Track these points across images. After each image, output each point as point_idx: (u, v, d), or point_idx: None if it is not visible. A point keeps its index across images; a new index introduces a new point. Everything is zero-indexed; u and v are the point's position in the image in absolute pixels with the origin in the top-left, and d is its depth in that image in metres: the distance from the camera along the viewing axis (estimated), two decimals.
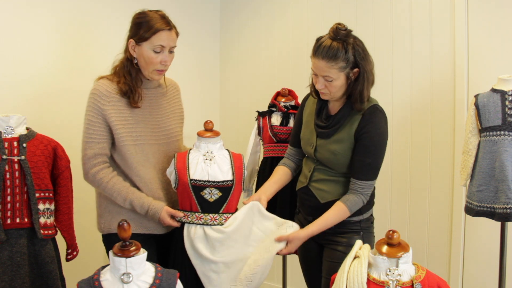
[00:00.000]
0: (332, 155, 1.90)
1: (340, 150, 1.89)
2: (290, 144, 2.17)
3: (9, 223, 1.89)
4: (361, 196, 1.87)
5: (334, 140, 1.90)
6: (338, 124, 1.90)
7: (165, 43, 1.91)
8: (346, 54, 1.77)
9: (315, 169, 1.97)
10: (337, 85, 1.83)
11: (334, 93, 1.87)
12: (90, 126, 1.92)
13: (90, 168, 1.92)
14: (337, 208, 1.88)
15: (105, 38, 2.90)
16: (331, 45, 1.77)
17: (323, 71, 1.81)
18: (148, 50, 1.90)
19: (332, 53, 1.77)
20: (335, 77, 1.81)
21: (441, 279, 1.45)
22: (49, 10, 2.68)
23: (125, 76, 1.95)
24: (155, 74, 1.97)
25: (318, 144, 1.95)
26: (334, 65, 1.78)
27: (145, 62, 1.93)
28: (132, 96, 1.94)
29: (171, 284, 1.46)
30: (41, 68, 2.65)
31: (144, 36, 1.89)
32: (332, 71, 1.79)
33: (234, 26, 3.66)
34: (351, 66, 1.80)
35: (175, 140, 2.10)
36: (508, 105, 2.02)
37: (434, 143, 2.66)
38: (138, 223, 1.95)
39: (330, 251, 1.94)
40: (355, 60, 1.80)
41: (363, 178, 1.86)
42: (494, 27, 2.43)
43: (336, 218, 1.88)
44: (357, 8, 2.92)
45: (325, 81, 1.83)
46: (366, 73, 1.83)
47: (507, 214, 1.97)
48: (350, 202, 1.87)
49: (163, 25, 1.90)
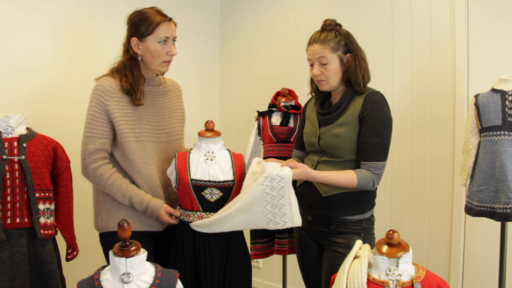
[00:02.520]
0: (337, 139, 1.89)
1: (345, 132, 1.88)
2: (295, 147, 2.19)
3: (9, 223, 1.89)
4: (373, 174, 1.85)
5: (338, 124, 1.91)
6: (341, 108, 1.91)
7: (168, 33, 1.96)
8: (336, 38, 1.89)
9: (318, 162, 1.96)
10: (332, 69, 1.89)
11: (331, 78, 1.91)
12: (92, 121, 1.93)
13: (91, 163, 1.92)
14: (346, 172, 1.86)
15: (105, 39, 2.90)
16: (322, 33, 1.93)
17: (317, 54, 1.90)
18: (154, 43, 1.94)
19: (323, 36, 1.91)
20: (329, 59, 1.89)
21: (441, 279, 1.45)
22: (49, 11, 2.68)
23: (127, 75, 1.97)
24: (163, 66, 2.00)
25: (321, 132, 1.95)
26: (326, 45, 1.88)
27: (152, 55, 1.95)
28: (134, 93, 1.96)
29: (171, 284, 1.46)
30: (41, 68, 2.65)
31: (147, 31, 1.93)
32: (325, 52, 1.88)
33: (234, 26, 3.66)
34: (343, 50, 1.90)
35: (176, 139, 2.11)
36: (508, 105, 2.02)
37: (434, 143, 2.66)
38: (135, 220, 1.95)
39: (330, 253, 1.92)
40: (346, 46, 1.90)
41: (373, 159, 1.85)
42: (494, 27, 2.43)
43: (342, 179, 1.84)
44: (357, 8, 2.92)
45: (321, 65, 1.91)
46: (359, 59, 1.91)
47: (507, 214, 1.97)
48: (361, 173, 1.85)
49: (162, 18, 1.96)
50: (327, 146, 1.93)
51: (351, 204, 1.90)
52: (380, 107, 1.88)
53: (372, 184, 1.87)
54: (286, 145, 2.47)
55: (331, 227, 1.92)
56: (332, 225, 1.92)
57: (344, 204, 1.90)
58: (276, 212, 1.81)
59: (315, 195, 1.94)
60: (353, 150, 1.89)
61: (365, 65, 1.94)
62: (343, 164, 1.91)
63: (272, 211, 1.81)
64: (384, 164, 1.88)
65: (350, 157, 1.90)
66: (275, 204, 1.80)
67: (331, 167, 1.92)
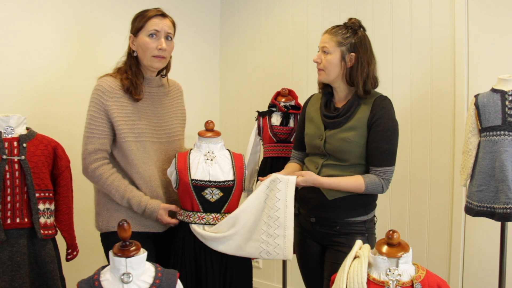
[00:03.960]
0: (345, 143, 1.89)
1: (353, 137, 1.88)
2: (294, 148, 2.17)
3: (9, 223, 1.89)
4: (382, 180, 1.86)
5: (346, 128, 1.90)
6: (349, 112, 1.91)
7: (158, 27, 1.96)
8: (347, 34, 1.90)
9: (323, 165, 1.95)
10: (331, 61, 1.90)
11: (328, 70, 1.92)
12: (92, 122, 1.93)
13: (90, 163, 1.92)
14: (354, 177, 1.87)
15: (106, 38, 2.90)
16: (339, 26, 1.95)
17: (323, 42, 1.94)
18: (144, 37, 1.96)
19: (335, 29, 1.94)
20: (331, 50, 1.90)
21: (441, 279, 1.45)
22: (50, 10, 2.68)
23: (127, 72, 1.98)
24: (154, 62, 1.99)
25: (327, 135, 1.94)
26: (333, 37, 1.91)
27: (142, 49, 1.97)
28: (134, 89, 1.96)
29: (171, 284, 1.46)
30: (41, 68, 2.65)
31: (139, 26, 1.97)
32: (330, 43, 1.91)
33: (234, 26, 3.66)
34: (348, 48, 1.90)
35: (176, 140, 2.11)
36: (508, 105, 2.02)
37: (434, 143, 2.65)
38: (136, 221, 1.95)
39: (333, 252, 1.92)
40: (354, 46, 1.90)
41: (383, 164, 1.86)
42: (494, 27, 2.43)
43: (350, 185, 1.85)
44: (357, 8, 2.92)
45: (322, 52, 1.94)
46: (362, 62, 1.90)
47: (507, 214, 1.97)
48: (369, 178, 1.85)
49: (155, 12, 1.98)
50: (334, 150, 1.92)
51: (356, 206, 1.90)
52: (389, 112, 1.89)
53: (381, 189, 1.88)
54: (286, 145, 2.47)
55: (336, 228, 1.91)
56: (336, 226, 1.92)
57: (349, 207, 1.90)
58: (271, 242, 1.86)
59: (319, 198, 1.93)
60: (360, 154, 1.89)
61: (369, 70, 1.92)
62: (349, 168, 1.91)
63: (266, 240, 1.86)
64: (393, 169, 1.89)
65: (356, 161, 1.90)
66: (271, 234, 1.86)
67: (336, 170, 1.92)
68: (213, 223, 1.90)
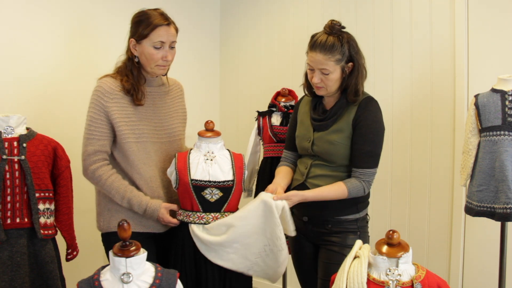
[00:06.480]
0: (331, 145, 1.89)
1: (339, 139, 1.89)
2: (285, 148, 2.16)
3: (9, 223, 1.89)
4: (363, 182, 1.86)
5: (332, 130, 1.91)
6: (336, 115, 1.91)
7: (164, 38, 1.92)
8: (342, 48, 1.84)
9: (312, 165, 1.96)
10: (333, 79, 1.87)
11: (330, 87, 1.89)
12: (92, 123, 1.93)
13: (90, 164, 1.92)
14: (336, 185, 1.87)
15: (106, 39, 2.90)
16: (327, 39, 1.84)
17: (320, 64, 1.85)
18: (149, 47, 1.92)
19: (329, 46, 1.83)
20: (332, 70, 1.85)
21: (441, 279, 1.45)
22: (50, 11, 2.68)
23: (128, 75, 1.96)
24: (158, 69, 1.98)
25: (315, 137, 1.95)
26: (331, 57, 1.83)
27: (146, 59, 1.94)
28: (135, 94, 1.95)
29: (171, 284, 1.46)
30: (41, 68, 2.65)
31: (143, 33, 1.91)
32: (329, 64, 1.84)
33: (234, 26, 3.66)
34: (346, 60, 1.86)
35: (177, 139, 2.11)
36: (508, 105, 2.02)
37: (434, 143, 2.65)
38: (137, 221, 1.95)
39: (326, 252, 1.93)
40: (349, 54, 1.86)
41: (364, 166, 1.86)
42: (494, 27, 2.43)
43: (333, 193, 1.86)
44: (357, 8, 2.92)
45: (322, 74, 1.87)
46: (360, 67, 1.89)
47: (507, 214, 1.97)
48: (350, 183, 1.86)
49: (161, 21, 1.92)
50: (321, 152, 1.93)
51: (346, 204, 1.91)
52: (373, 114, 1.88)
53: (363, 191, 1.89)
54: None
55: (327, 227, 1.92)
56: (328, 225, 1.92)
57: (340, 205, 1.90)
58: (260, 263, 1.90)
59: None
60: (347, 156, 1.90)
61: (365, 72, 1.92)
62: (337, 169, 1.92)
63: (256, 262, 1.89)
64: (374, 171, 1.89)
65: (344, 163, 1.91)
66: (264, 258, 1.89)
67: (325, 170, 1.93)
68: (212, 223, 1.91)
